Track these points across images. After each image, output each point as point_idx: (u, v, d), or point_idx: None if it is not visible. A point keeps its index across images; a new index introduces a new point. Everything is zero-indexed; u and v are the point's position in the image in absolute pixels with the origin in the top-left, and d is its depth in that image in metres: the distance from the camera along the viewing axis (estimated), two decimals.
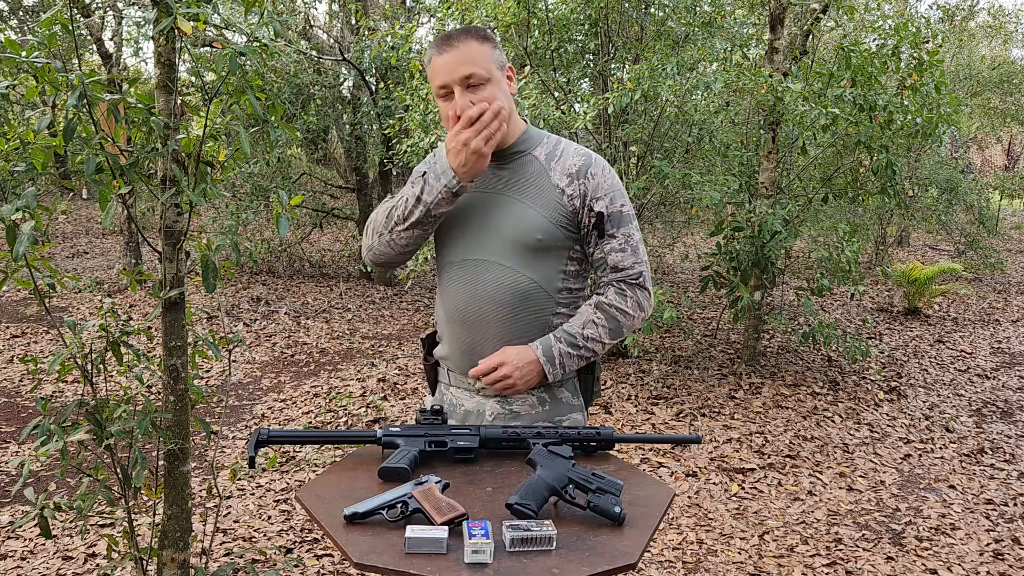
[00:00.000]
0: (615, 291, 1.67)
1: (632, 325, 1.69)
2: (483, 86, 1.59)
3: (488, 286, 1.65)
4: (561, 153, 1.69)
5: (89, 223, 12.87)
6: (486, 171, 1.68)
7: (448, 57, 1.58)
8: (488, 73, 1.60)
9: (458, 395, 1.76)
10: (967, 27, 13.89)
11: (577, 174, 1.66)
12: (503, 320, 1.65)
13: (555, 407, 1.72)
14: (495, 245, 1.65)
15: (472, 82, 1.58)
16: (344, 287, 8.75)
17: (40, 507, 1.95)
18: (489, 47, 1.61)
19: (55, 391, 4.92)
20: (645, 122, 5.50)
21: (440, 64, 1.59)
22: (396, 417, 4.67)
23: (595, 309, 1.66)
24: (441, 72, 1.59)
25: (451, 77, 1.58)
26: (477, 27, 1.64)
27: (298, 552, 3.11)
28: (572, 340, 1.64)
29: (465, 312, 1.67)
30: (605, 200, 1.65)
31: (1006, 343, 7.08)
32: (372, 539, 1.25)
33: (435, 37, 1.66)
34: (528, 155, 1.69)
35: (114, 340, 2.03)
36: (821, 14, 6.07)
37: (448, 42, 1.59)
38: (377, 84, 8.44)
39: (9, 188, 9.81)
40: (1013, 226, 18.02)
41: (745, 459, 4.16)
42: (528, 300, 1.65)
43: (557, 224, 1.64)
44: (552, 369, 1.64)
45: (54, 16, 1.81)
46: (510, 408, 1.70)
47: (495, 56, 1.63)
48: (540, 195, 1.65)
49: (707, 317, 7.66)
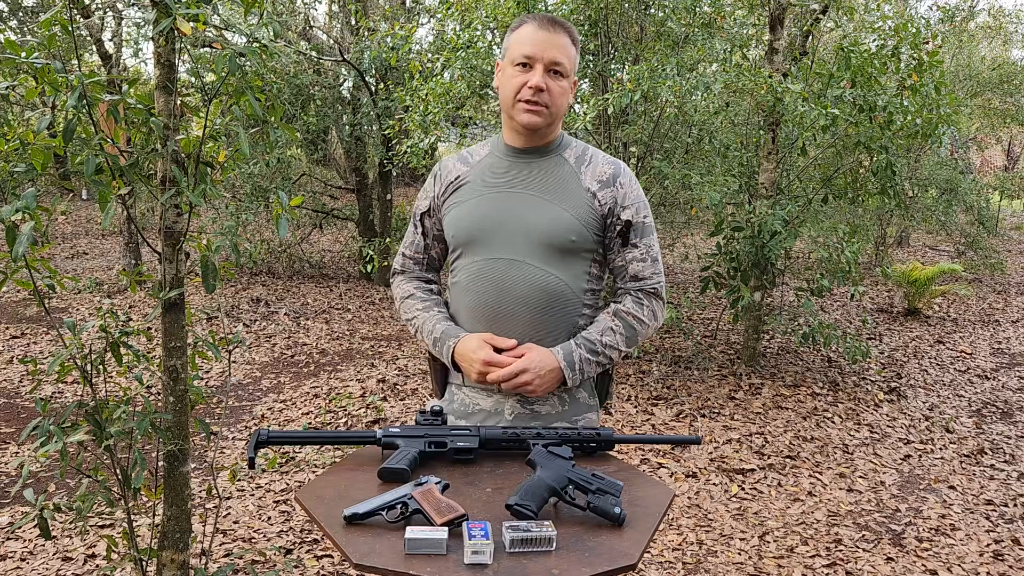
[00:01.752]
0: (632, 300, 1.70)
1: (647, 334, 1.71)
2: (562, 78, 1.64)
3: (519, 285, 1.65)
4: (591, 159, 1.72)
5: (89, 224, 12.87)
6: (510, 166, 1.71)
7: (548, 35, 1.62)
8: (570, 71, 1.66)
9: (473, 395, 1.74)
10: (967, 28, 13.90)
11: (608, 181, 1.68)
12: (532, 320, 1.66)
13: (573, 407, 1.73)
14: (525, 244, 1.65)
15: (557, 69, 1.63)
16: (344, 288, 8.75)
17: (40, 508, 1.94)
18: (576, 53, 1.68)
19: (55, 392, 4.92)
20: (645, 123, 5.50)
21: (537, 37, 1.62)
22: (396, 418, 4.67)
23: (613, 317, 1.68)
24: (534, 44, 1.62)
25: (543, 54, 1.62)
26: (574, 29, 1.69)
27: (298, 553, 3.11)
28: (592, 347, 1.65)
29: (494, 310, 1.67)
30: (632, 210, 1.68)
31: (1006, 343, 7.08)
32: (372, 540, 1.25)
33: (534, 12, 1.70)
34: (558, 156, 1.72)
35: (114, 341, 2.03)
36: (821, 15, 6.07)
37: (554, 24, 1.64)
38: (377, 85, 8.44)
39: (9, 189, 9.81)
40: (1013, 226, 18.02)
41: (745, 460, 4.16)
42: (557, 300, 1.66)
43: (588, 227, 1.66)
44: (572, 375, 1.65)
45: (54, 17, 1.81)
46: (531, 408, 1.70)
47: (577, 61, 1.70)
48: (571, 197, 1.67)
49: (707, 317, 7.66)
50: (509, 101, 1.65)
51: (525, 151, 1.71)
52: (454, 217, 1.72)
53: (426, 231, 1.81)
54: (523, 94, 1.62)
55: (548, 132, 1.70)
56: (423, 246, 1.83)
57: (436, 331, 1.71)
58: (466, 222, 1.70)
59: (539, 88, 1.61)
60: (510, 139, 1.73)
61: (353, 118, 8.85)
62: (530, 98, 1.62)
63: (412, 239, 1.84)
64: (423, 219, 1.81)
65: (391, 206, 9.20)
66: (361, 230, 9.44)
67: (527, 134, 1.69)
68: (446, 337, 1.69)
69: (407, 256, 1.85)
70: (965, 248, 11.27)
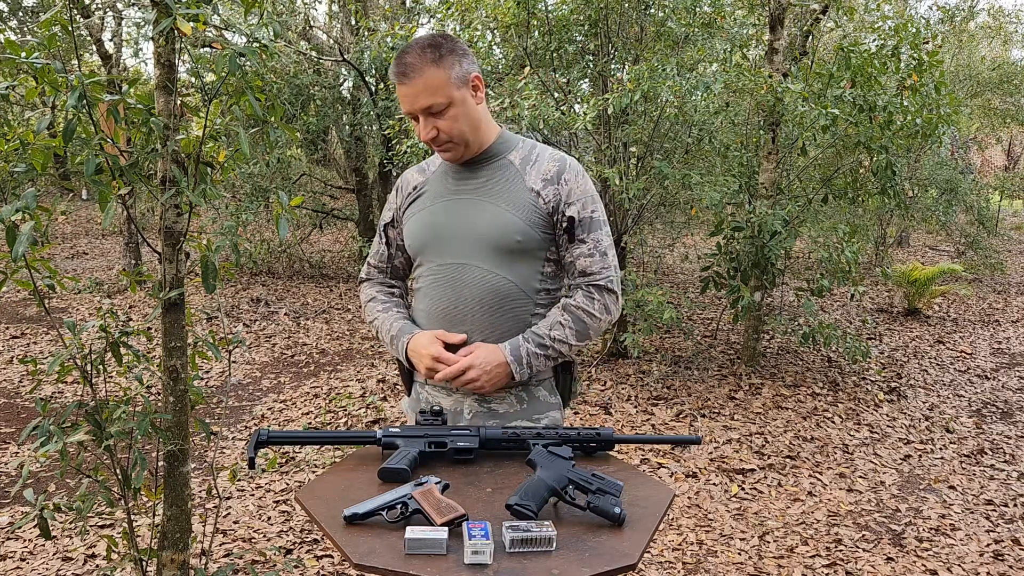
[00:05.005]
0: (583, 294, 1.71)
1: (599, 327, 1.72)
2: (444, 112, 1.64)
3: (470, 288, 1.68)
4: (536, 158, 1.73)
5: (89, 224, 12.87)
6: (460, 173, 1.74)
7: (407, 88, 1.62)
8: (447, 98, 1.62)
9: (435, 394, 1.78)
10: (967, 28, 13.90)
11: (553, 178, 1.70)
12: (485, 320, 1.69)
13: (533, 406, 1.74)
14: (474, 248, 1.68)
15: (432, 111, 1.63)
16: (344, 288, 8.75)
17: (40, 508, 1.95)
18: (446, 68, 1.61)
19: (55, 392, 4.92)
20: (645, 123, 5.50)
21: (402, 95, 1.64)
22: (396, 418, 4.67)
23: (563, 311, 1.70)
24: (404, 100, 1.65)
25: (412, 107, 1.64)
26: (433, 42, 1.63)
27: (298, 553, 3.11)
28: (540, 341, 1.67)
29: (448, 314, 1.71)
30: (577, 205, 1.69)
31: (1006, 343, 7.08)
32: (372, 540, 1.25)
33: (395, 58, 1.68)
34: (503, 159, 1.74)
35: (114, 341, 2.03)
36: (821, 15, 6.07)
37: (405, 74, 1.61)
38: (377, 85, 8.44)
39: (9, 189, 9.81)
40: (1013, 227, 18.02)
41: (745, 460, 4.16)
42: (508, 301, 1.69)
43: (534, 227, 1.68)
44: (519, 369, 1.66)
45: (54, 17, 1.81)
46: (488, 406, 1.72)
47: (455, 73, 1.62)
48: (515, 198, 1.69)
49: (707, 318, 7.66)
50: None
51: (469, 161, 1.74)
52: (412, 226, 1.78)
53: (389, 241, 1.87)
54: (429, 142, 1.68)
55: (475, 144, 1.71)
56: (387, 255, 1.89)
57: (393, 329, 1.77)
58: (421, 230, 1.75)
59: (431, 138, 1.66)
60: None
61: (353, 118, 8.85)
62: (433, 145, 1.68)
63: (377, 248, 1.90)
64: (387, 230, 1.87)
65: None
66: (361, 230, 9.44)
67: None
68: (401, 334, 1.75)
69: (372, 265, 1.91)
70: (965, 248, 11.27)
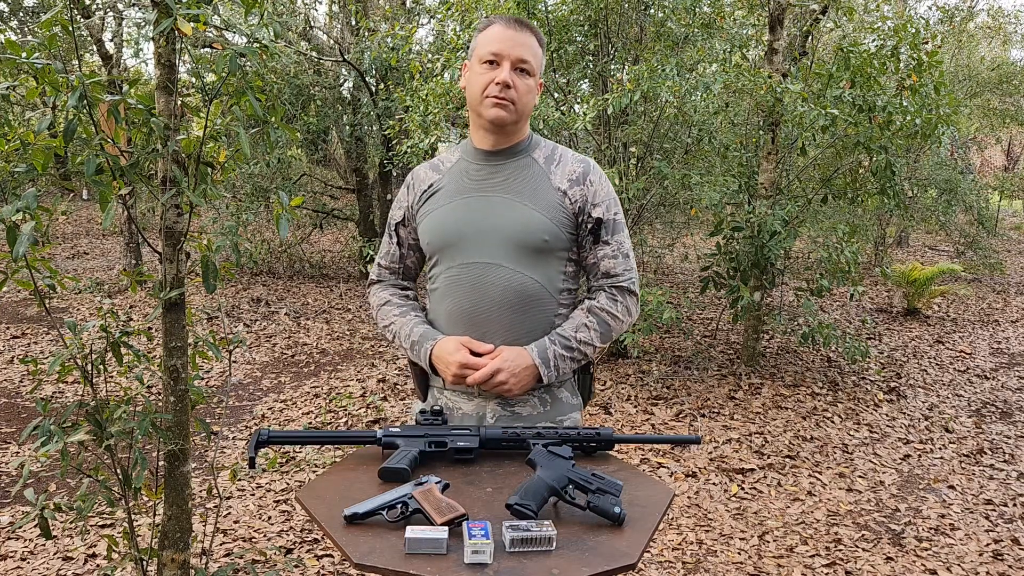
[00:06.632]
0: (607, 296, 1.70)
1: (621, 329, 1.72)
2: (528, 76, 1.67)
3: (495, 288, 1.65)
4: (560, 158, 1.73)
5: (89, 224, 12.87)
6: (480, 169, 1.72)
7: (515, 34, 1.64)
8: (535, 70, 1.68)
9: (455, 399, 1.74)
10: (966, 28, 13.90)
11: (579, 179, 1.69)
12: (510, 322, 1.66)
13: (556, 407, 1.73)
14: (499, 247, 1.66)
15: (524, 67, 1.65)
16: (344, 288, 8.75)
17: (40, 508, 1.95)
18: (543, 55, 1.72)
19: (55, 392, 4.92)
20: (645, 123, 5.50)
21: (505, 36, 1.64)
22: (396, 418, 4.67)
23: (587, 313, 1.69)
24: (502, 42, 1.64)
25: (510, 51, 1.64)
26: (540, 33, 1.72)
27: (298, 552, 3.11)
28: (566, 343, 1.66)
29: (472, 313, 1.67)
30: (602, 207, 1.69)
31: (1005, 343, 7.08)
32: (372, 539, 1.25)
33: (497, 12, 1.73)
34: (527, 157, 1.72)
35: (114, 341, 2.03)
36: (820, 15, 6.07)
37: (521, 25, 1.67)
38: (377, 85, 8.44)
39: (9, 189, 9.80)
40: (1012, 227, 18.02)
41: (745, 459, 4.16)
42: (534, 302, 1.67)
43: (561, 226, 1.67)
44: (547, 371, 1.65)
45: (54, 17, 1.81)
46: (512, 410, 1.70)
47: (541, 64, 1.73)
48: (542, 197, 1.67)
49: (707, 318, 7.66)
50: (477, 98, 1.67)
51: (494, 153, 1.72)
52: (428, 225, 1.74)
53: (401, 241, 1.83)
54: (490, 90, 1.64)
55: (515, 132, 1.71)
56: (398, 255, 1.85)
57: (414, 335, 1.72)
58: (440, 229, 1.71)
59: (506, 84, 1.63)
60: (479, 142, 1.73)
61: (353, 118, 8.85)
62: (497, 94, 1.64)
63: (387, 249, 1.86)
64: (398, 229, 1.83)
65: (391, 206, 9.22)
66: (361, 230, 9.45)
67: (495, 134, 1.69)
68: (424, 340, 1.70)
69: (383, 266, 1.87)
70: (965, 248, 11.27)
